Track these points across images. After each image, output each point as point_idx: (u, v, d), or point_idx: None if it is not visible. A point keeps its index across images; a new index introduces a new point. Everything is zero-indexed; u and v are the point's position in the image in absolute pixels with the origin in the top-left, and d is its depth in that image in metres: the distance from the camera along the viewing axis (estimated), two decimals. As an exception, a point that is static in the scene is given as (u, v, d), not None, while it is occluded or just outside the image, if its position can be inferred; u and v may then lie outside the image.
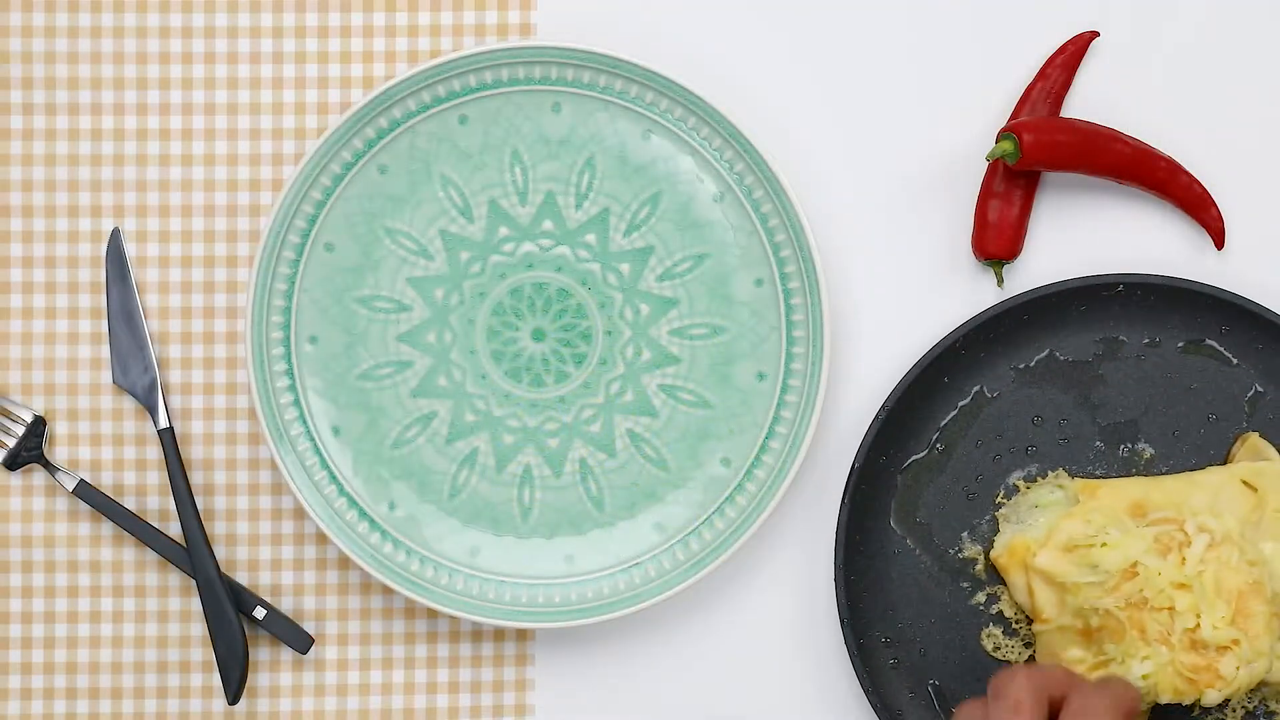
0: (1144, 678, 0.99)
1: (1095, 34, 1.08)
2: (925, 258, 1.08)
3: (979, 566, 1.07)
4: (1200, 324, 1.06)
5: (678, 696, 1.08)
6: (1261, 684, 1.03)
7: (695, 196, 1.06)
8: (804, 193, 1.08)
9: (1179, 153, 1.09)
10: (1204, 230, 1.08)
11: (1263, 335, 1.06)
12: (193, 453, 1.07)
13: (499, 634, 1.07)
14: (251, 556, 1.07)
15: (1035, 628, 1.03)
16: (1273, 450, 1.05)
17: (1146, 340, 1.07)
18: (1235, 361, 1.07)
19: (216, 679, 1.07)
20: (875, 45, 1.08)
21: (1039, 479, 1.06)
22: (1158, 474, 1.06)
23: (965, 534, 1.07)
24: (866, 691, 1.04)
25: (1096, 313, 1.06)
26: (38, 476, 1.07)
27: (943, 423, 1.07)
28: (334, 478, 1.05)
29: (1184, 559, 0.99)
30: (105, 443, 1.07)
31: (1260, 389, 1.07)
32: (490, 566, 1.05)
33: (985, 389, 1.07)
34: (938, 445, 1.07)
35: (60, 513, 1.07)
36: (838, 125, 1.08)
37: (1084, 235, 1.08)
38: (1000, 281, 1.07)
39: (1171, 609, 0.99)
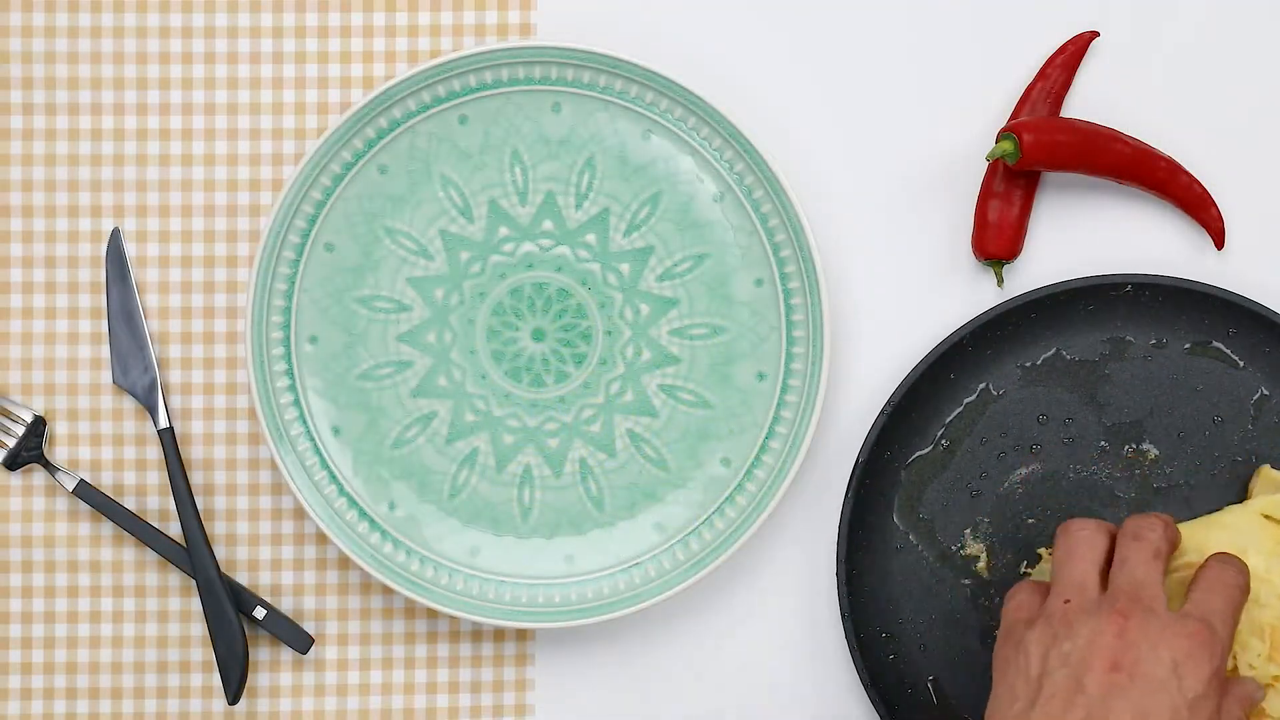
0: None
1: (1095, 34, 1.08)
2: (925, 258, 1.08)
3: (981, 564, 1.07)
4: (1207, 326, 1.06)
5: (678, 696, 1.08)
6: None
7: (695, 196, 1.06)
8: (804, 193, 1.08)
9: (1179, 153, 1.09)
10: (1204, 230, 1.08)
11: (1270, 338, 1.06)
12: (193, 453, 1.07)
13: (499, 634, 1.07)
14: (251, 556, 1.07)
15: None
16: None
17: (1153, 341, 1.07)
18: (1241, 364, 1.07)
19: (216, 679, 1.07)
20: (875, 45, 1.08)
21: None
22: (1161, 475, 1.06)
23: (968, 531, 1.07)
24: (865, 686, 1.04)
25: (1104, 312, 1.07)
26: (38, 476, 1.07)
27: (948, 419, 1.07)
28: (334, 478, 1.05)
29: None
30: (105, 443, 1.07)
31: (1266, 392, 1.07)
32: (490, 566, 1.05)
33: (991, 386, 1.07)
34: (943, 441, 1.07)
35: (60, 513, 1.07)
36: (838, 125, 1.08)
37: (1084, 235, 1.08)
38: (1000, 281, 1.07)
39: None
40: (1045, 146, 1.04)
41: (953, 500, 1.07)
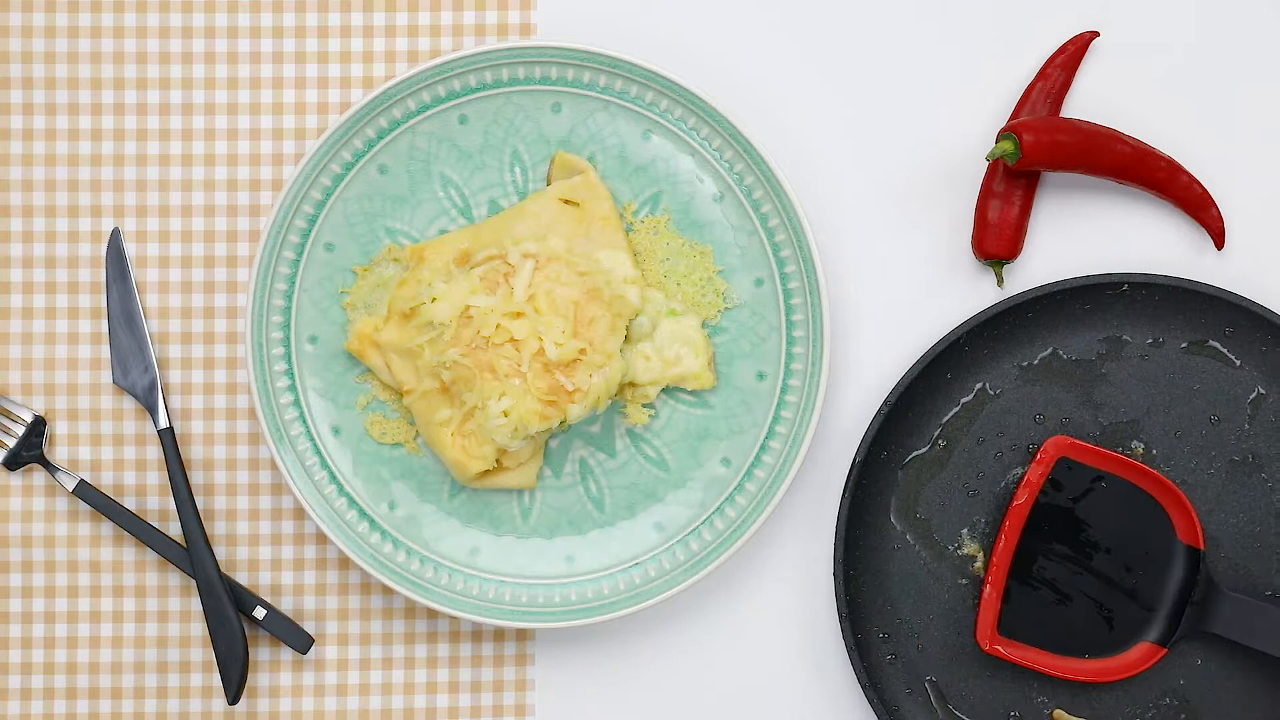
0: (505, 414, 1.00)
1: (1095, 34, 1.08)
2: (925, 258, 1.08)
3: (978, 564, 1.07)
4: (1204, 325, 1.07)
5: (678, 696, 1.08)
6: (632, 386, 1.03)
7: (695, 196, 1.06)
8: (804, 193, 1.08)
9: (1179, 153, 1.09)
10: (1204, 230, 1.08)
11: (1266, 337, 1.06)
12: (193, 453, 1.07)
13: (499, 634, 1.07)
14: (251, 556, 1.07)
15: (405, 401, 1.03)
16: (583, 162, 1.04)
17: (1150, 340, 1.07)
18: (1238, 363, 1.07)
19: (216, 679, 1.07)
20: (875, 45, 1.08)
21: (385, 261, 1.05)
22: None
23: (965, 530, 1.07)
24: (864, 687, 1.04)
25: (1101, 312, 1.07)
26: (38, 476, 1.07)
27: (945, 419, 1.07)
28: (334, 478, 1.05)
29: (512, 288, 1.00)
30: (105, 443, 1.07)
31: (1263, 391, 1.07)
32: (490, 566, 1.05)
33: (988, 386, 1.07)
34: (939, 441, 1.07)
35: (60, 513, 1.07)
36: (838, 125, 1.08)
37: (1084, 235, 1.08)
38: (1000, 281, 1.07)
39: (513, 340, 0.99)
40: (1045, 146, 1.04)
41: (950, 500, 1.07)
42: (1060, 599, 1.05)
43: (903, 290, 1.08)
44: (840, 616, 1.05)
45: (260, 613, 1.05)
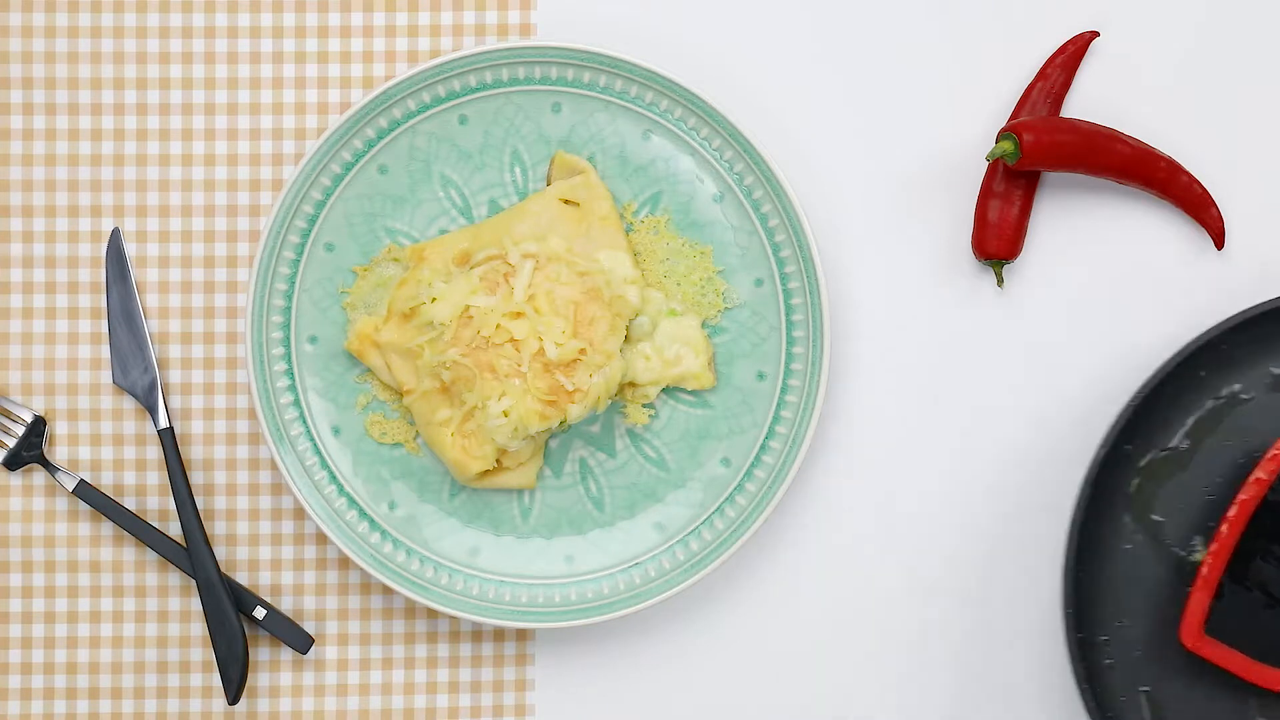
0: (505, 414, 1.00)
1: (1095, 34, 1.08)
2: (925, 258, 1.08)
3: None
4: None
5: (678, 696, 1.08)
6: (632, 386, 1.03)
7: (695, 196, 1.06)
8: (804, 193, 1.08)
9: (1179, 153, 1.09)
10: (1204, 230, 1.08)
11: None
12: (193, 453, 1.07)
13: (499, 634, 1.07)
14: (251, 556, 1.07)
15: (405, 401, 1.03)
16: (583, 162, 1.04)
17: None
18: None
19: (216, 679, 1.07)
20: (875, 46, 1.08)
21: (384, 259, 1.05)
22: None
23: (1199, 537, 1.04)
24: (1082, 690, 1.00)
25: None
26: (38, 476, 1.07)
27: (1193, 418, 1.04)
28: (334, 478, 1.05)
29: (512, 288, 1.00)
30: (105, 443, 1.07)
31: None
32: (490, 566, 1.05)
33: (1241, 389, 1.04)
34: (1184, 441, 1.04)
35: (60, 513, 1.07)
36: (838, 125, 1.08)
37: (1084, 235, 1.08)
38: (1000, 281, 1.07)
39: (513, 340, 1.00)
40: (1045, 146, 1.04)
41: (1188, 503, 1.03)
42: (1270, 603, 1.01)
43: (903, 290, 1.08)
44: (1065, 614, 1.01)
45: (260, 613, 1.05)
